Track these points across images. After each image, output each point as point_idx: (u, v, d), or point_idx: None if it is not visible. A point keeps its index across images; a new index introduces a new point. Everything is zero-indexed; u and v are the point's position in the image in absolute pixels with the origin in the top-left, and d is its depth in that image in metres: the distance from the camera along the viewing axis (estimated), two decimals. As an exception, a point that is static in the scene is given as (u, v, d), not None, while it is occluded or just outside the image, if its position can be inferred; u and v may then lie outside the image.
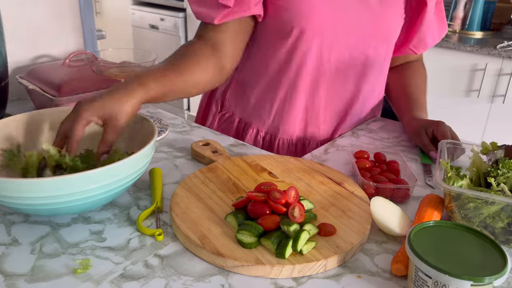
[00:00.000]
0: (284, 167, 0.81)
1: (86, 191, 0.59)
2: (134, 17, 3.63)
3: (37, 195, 0.58)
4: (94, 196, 0.61)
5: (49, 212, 0.63)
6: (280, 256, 0.57)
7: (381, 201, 0.66)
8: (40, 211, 0.62)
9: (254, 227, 0.60)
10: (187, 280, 0.56)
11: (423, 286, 0.51)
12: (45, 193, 0.58)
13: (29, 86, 1.02)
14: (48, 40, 1.23)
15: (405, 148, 0.97)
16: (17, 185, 0.57)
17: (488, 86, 2.19)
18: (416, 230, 0.56)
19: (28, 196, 0.58)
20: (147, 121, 0.75)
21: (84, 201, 0.61)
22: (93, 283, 0.55)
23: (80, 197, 0.60)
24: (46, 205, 0.60)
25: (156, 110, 1.14)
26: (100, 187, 0.60)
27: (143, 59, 0.99)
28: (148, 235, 0.64)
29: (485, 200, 0.62)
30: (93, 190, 0.60)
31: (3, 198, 0.59)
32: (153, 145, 0.69)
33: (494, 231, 0.63)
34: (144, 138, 0.72)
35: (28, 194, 0.57)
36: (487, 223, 0.63)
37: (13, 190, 0.58)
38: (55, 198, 0.58)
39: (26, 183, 0.57)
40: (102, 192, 0.61)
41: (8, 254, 0.60)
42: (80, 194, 0.59)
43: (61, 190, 0.58)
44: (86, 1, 1.30)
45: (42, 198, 0.58)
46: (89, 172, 0.58)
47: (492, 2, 2.43)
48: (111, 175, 0.61)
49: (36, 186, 0.57)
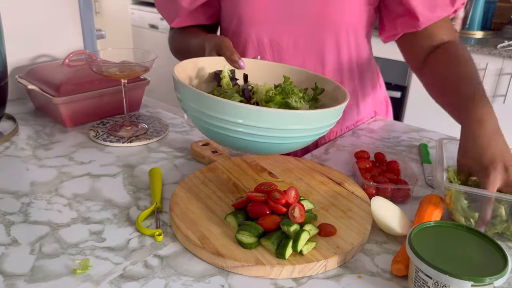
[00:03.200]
0: (284, 167, 0.81)
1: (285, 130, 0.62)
2: (134, 16, 3.63)
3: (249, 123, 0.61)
4: (287, 138, 0.64)
5: (240, 145, 0.66)
6: (280, 257, 0.57)
7: (381, 201, 0.66)
8: (237, 141, 0.65)
9: (254, 228, 0.60)
10: (187, 281, 0.56)
11: (423, 286, 0.51)
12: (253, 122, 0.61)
13: (29, 86, 1.02)
14: (47, 40, 1.23)
15: (405, 148, 0.97)
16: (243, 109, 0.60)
17: (488, 86, 2.19)
18: (417, 230, 0.55)
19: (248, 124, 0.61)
20: (341, 89, 0.75)
21: (280, 141, 0.64)
22: (92, 283, 0.55)
23: (278, 135, 0.62)
24: (244, 135, 0.62)
25: (155, 110, 1.14)
26: (299, 130, 0.63)
27: (142, 59, 0.99)
28: (148, 235, 0.64)
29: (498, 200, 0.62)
30: (292, 132, 0.62)
31: (211, 120, 0.63)
32: (341, 109, 0.69)
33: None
34: (334, 102, 0.74)
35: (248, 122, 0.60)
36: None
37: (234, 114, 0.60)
38: (256, 129, 0.61)
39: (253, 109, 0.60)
40: (298, 136, 0.64)
41: (8, 254, 0.60)
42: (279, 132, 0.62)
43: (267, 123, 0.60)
44: (86, 1, 1.30)
45: (248, 127, 0.61)
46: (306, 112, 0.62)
47: (492, 2, 2.43)
48: (316, 120, 0.64)
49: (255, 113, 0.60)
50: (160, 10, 1.03)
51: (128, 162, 0.86)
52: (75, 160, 0.86)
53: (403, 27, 0.92)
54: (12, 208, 0.70)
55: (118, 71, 0.94)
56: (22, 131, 0.98)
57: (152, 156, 0.88)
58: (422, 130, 1.07)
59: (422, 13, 0.87)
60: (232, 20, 0.97)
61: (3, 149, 0.89)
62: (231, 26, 0.98)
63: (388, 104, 1.18)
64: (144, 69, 0.94)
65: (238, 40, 0.97)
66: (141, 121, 1.04)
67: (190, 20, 1.02)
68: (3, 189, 0.75)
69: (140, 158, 0.88)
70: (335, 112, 0.66)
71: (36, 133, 0.97)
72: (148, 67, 0.94)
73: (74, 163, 0.84)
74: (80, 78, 1.02)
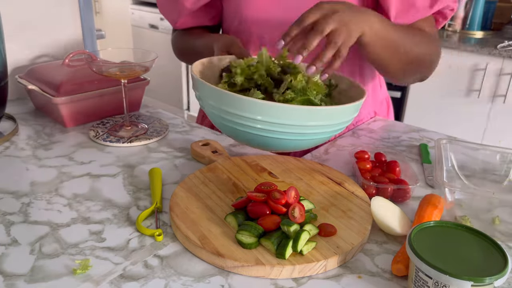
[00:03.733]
0: (284, 167, 0.81)
1: (303, 126, 0.63)
2: (134, 16, 3.63)
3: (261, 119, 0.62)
4: (304, 135, 0.65)
5: (260, 141, 0.67)
6: (280, 257, 0.57)
7: (381, 201, 0.66)
8: (254, 137, 0.66)
9: (254, 228, 0.60)
10: (187, 281, 0.56)
11: (423, 286, 0.51)
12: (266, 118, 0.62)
13: (29, 86, 1.02)
14: (47, 39, 1.23)
15: (405, 148, 0.97)
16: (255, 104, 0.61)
17: (488, 86, 2.19)
18: (417, 230, 0.55)
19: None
20: (357, 87, 0.76)
21: (299, 137, 0.65)
22: (92, 283, 0.55)
23: (297, 131, 0.63)
24: (261, 131, 0.64)
25: (155, 110, 1.14)
26: (316, 126, 0.64)
27: (142, 59, 0.99)
28: (148, 235, 0.64)
29: None
30: (309, 128, 0.63)
31: (218, 111, 0.65)
32: (359, 105, 0.70)
33: None
34: (349, 99, 0.74)
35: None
36: None
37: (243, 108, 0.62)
38: (274, 126, 0.62)
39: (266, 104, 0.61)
40: (315, 132, 0.65)
41: (8, 255, 0.60)
42: (297, 129, 0.63)
43: (281, 119, 0.61)
44: (86, 1, 1.30)
45: (264, 123, 0.62)
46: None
47: (492, 2, 2.43)
48: (333, 116, 0.65)
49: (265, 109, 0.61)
50: (163, 12, 1.04)
51: (128, 162, 0.86)
52: (75, 160, 0.86)
53: None
54: (12, 208, 0.70)
55: (118, 71, 0.94)
56: (22, 131, 0.98)
57: (152, 156, 0.88)
58: (422, 130, 1.07)
59: (393, 16, 0.87)
60: (234, 20, 0.98)
61: (3, 149, 0.89)
62: (232, 25, 0.99)
63: (389, 104, 1.18)
64: (144, 69, 0.94)
65: (240, 39, 0.97)
66: (141, 121, 1.04)
67: (193, 21, 1.02)
68: (3, 189, 0.75)
69: (140, 158, 0.88)
70: (353, 108, 0.67)
71: (36, 133, 0.97)
72: (148, 67, 0.94)
73: (74, 163, 0.84)
74: (80, 78, 1.02)
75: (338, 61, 0.71)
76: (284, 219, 0.61)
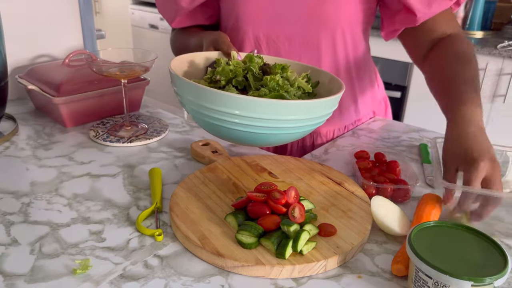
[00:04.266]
0: (284, 167, 0.81)
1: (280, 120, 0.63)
2: (134, 16, 3.63)
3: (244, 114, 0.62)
4: (283, 129, 0.64)
5: (239, 136, 0.67)
6: (280, 257, 0.57)
7: (381, 200, 0.66)
8: (234, 133, 0.66)
9: (254, 228, 0.60)
10: (187, 281, 0.56)
11: (423, 286, 0.51)
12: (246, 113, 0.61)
13: (29, 86, 1.02)
14: (47, 39, 1.23)
15: (405, 148, 0.97)
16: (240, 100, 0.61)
17: (488, 86, 2.19)
18: (417, 230, 0.55)
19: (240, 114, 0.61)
20: (336, 81, 0.76)
21: (276, 132, 0.65)
22: (92, 283, 0.55)
23: (274, 125, 0.63)
24: (239, 126, 0.63)
25: (155, 110, 1.14)
26: (294, 120, 0.63)
27: (142, 59, 0.99)
28: (148, 235, 0.64)
29: None
30: (287, 122, 0.63)
31: (200, 109, 0.64)
32: (337, 99, 0.70)
33: None
34: (328, 93, 0.75)
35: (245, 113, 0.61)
36: None
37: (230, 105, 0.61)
38: (251, 120, 0.62)
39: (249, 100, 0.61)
40: (294, 126, 0.65)
41: (8, 254, 0.60)
42: (274, 123, 0.62)
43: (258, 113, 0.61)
44: (86, 1, 1.30)
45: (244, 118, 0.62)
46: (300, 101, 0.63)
47: (492, 2, 2.43)
48: (309, 110, 0.64)
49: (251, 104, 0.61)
50: (161, 11, 1.05)
51: (128, 162, 0.86)
52: (75, 160, 0.86)
53: (402, 23, 0.92)
54: (12, 208, 0.70)
55: (118, 71, 0.94)
56: (22, 131, 0.98)
57: (152, 156, 0.88)
58: (422, 130, 1.07)
59: (419, 9, 0.87)
60: (230, 18, 0.98)
61: (3, 149, 0.89)
62: (229, 23, 0.99)
63: (387, 104, 1.18)
64: (144, 69, 0.94)
65: (236, 36, 0.98)
66: (141, 121, 1.04)
67: (189, 21, 1.03)
68: (3, 189, 0.75)
69: (140, 158, 0.88)
70: (330, 102, 0.67)
71: (36, 133, 0.97)
72: (148, 67, 0.94)
73: (74, 163, 0.84)
74: (80, 78, 1.02)
75: None
76: (284, 219, 0.61)
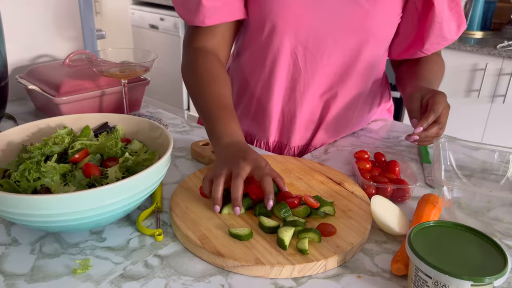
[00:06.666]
0: (284, 167, 0.81)
1: (100, 207, 0.56)
2: (134, 17, 3.63)
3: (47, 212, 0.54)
4: (107, 212, 0.58)
5: (59, 229, 0.60)
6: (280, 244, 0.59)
7: (381, 200, 0.66)
8: (50, 228, 0.59)
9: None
10: (187, 280, 0.56)
11: (423, 286, 0.51)
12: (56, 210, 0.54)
13: (29, 86, 1.02)
14: (48, 40, 1.23)
15: (405, 148, 0.97)
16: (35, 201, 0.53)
17: (488, 86, 2.19)
18: (416, 230, 0.55)
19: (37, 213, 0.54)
20: (163, 131, 0.71)
21: (98, 217, 0.58)
22: (93, 283, 0.55)
23: (94, 213, 0.56)
24: (57, 222, 0.56)
25: (156, 110, 1.14)
26: (117, 202, 0.57)
27: (142, 59, 0.99)
28: (148, 235, 0.64)
29: None
30: (109, 206, 0.57)
31: (7, 214, 0.56)
32: (169, 156, 0.66)
33: None
34: (159, 146, 0.71)
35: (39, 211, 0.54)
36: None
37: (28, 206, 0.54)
38: (64, 215, 0.55)
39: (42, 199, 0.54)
40: (117, 207, 0.58)
41: (8, 254, 0.60)
42: (93, 211, 0.56)
43: (73, 207, 0.54)
44: (86, 1, 1.30)
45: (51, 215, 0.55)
46: (106, 187, 0.55)
47: (492, 2, 2.43)
48: (129, 188, 0.58)
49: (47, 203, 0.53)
50: (178, 9, 0.91)
51: (128, 162, 0.85)
52: (75, 160, 0.86)
53: (418, 53, 0.98)
54: (12, 208, 0.70)
55: (119, 71, 0.94)
56: (22, 131, 0.98)
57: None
58: (422, 130, 1.06)
59: (429, 46, 0.95)
60: (263, 29, 0.89)
61: (3, 149, 0.89)
62: (261, 35, 0.90)
63: (391, 112, 1.18)
64: (144, 69, 0.95)
65: (268, 49, 0.91)
66: (141, 121, 1.04)
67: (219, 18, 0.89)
68: (3, 189, 0.75)
69: (140, 158, 0.87)
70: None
71: (36, 133, 0.97)
72: (148, 67, 0.95)
73: (74, 163, 0.84)
74: (80, 78, 1.02)
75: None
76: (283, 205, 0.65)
